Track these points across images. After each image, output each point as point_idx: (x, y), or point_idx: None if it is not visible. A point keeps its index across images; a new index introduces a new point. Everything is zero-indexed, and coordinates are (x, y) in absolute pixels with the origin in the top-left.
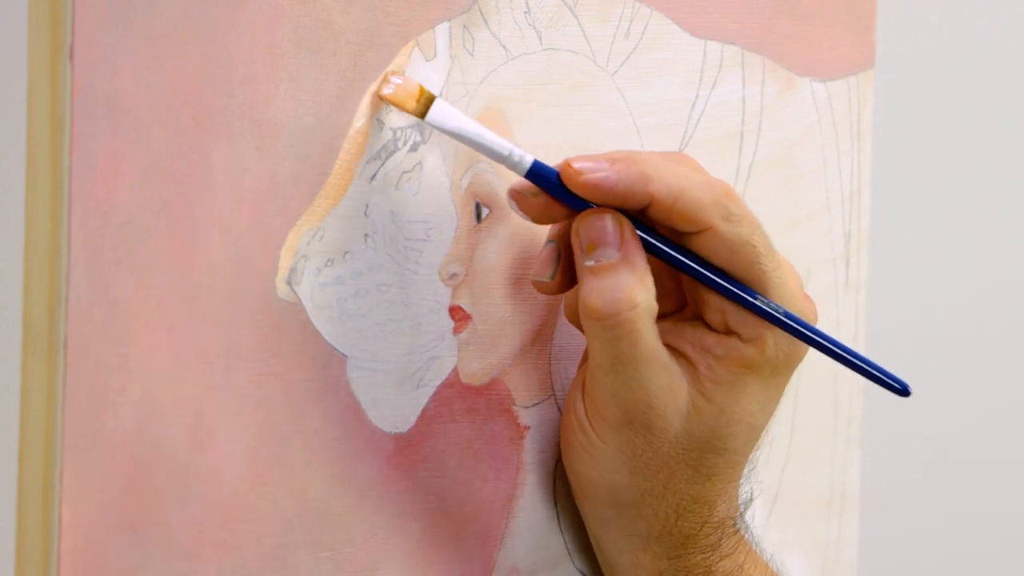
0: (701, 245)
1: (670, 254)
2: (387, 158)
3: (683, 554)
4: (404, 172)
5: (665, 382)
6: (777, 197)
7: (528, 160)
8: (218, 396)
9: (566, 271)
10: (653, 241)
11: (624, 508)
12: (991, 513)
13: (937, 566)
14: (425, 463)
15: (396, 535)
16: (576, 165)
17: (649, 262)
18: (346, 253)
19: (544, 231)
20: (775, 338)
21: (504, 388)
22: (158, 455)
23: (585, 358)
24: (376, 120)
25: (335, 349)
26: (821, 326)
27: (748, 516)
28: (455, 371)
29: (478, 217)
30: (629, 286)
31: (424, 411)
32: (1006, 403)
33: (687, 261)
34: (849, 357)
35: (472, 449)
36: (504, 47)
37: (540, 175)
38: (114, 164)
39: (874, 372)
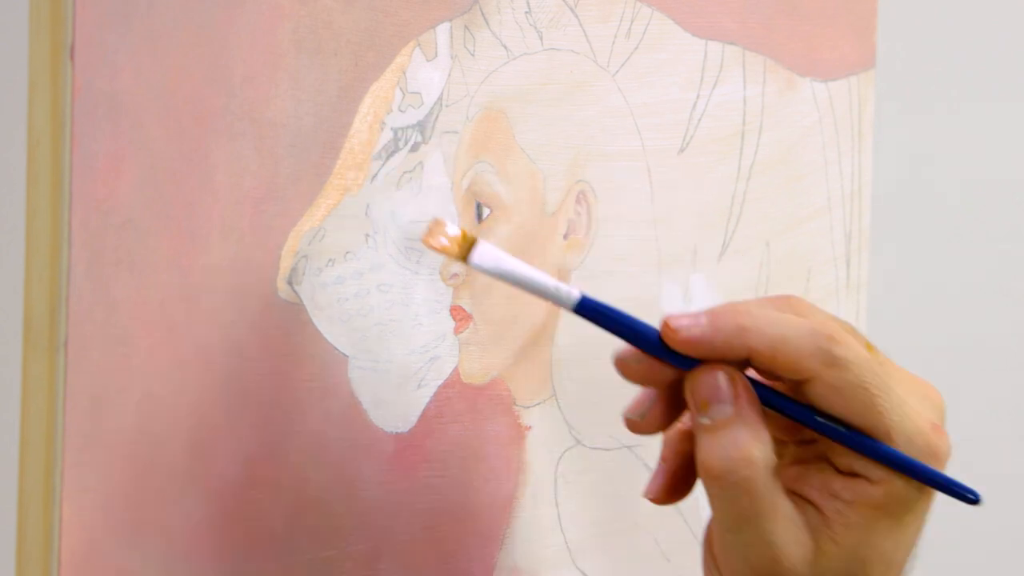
0: (811, 393)
1: (784, 405)
2: (388, 158)
3: None
4: (405, 172)
5: (791, 535)
6: (778, 197)
7: (575, 295)
8: (218, 396)
9: (660, 409)
10: (767, 394)
11: None
12: (992, 513)
13: (937, 566)
14: (426, 463)
15: (397, 535)
16: (673, 324)
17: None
18: (347, 253)
19: (540, 232)
20: (903, 478)
21: (505, 388)
22: (158, 455)
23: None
24: (377, 120)
25: (336, 349)
26: None
27: None
28: (456, 371)
29: (479, 217)
30: (745, 443)
31: (425, 411)
32: (1006, 403)
33: (801, 411)
34: (965, 494)
35: (473, 449)
36: (505, 47)
37: (594, 311)
38: (114, 164)
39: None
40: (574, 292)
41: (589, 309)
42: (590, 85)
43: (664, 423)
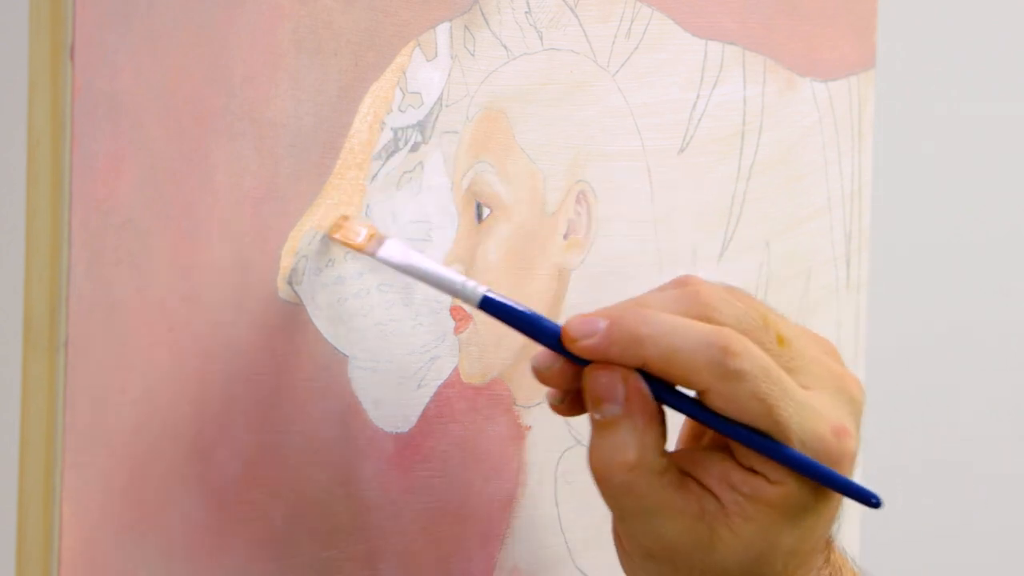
0: (708, 401)
1: (683, 406)
2: (388, 158)
3: None
4: (405, 172)
5: (682, 526)
6: (778, 197)
7: (481, 290)
8: (218, 396)
9: (575, 398)
10: (665, 393)
11: None
12: (991, 513)
13: (937, 566)
14: (426, 463)
15: (397, 535)
16: (572, 332)
17: None
18: (347, 253)
19: (540, 232)
20: (799, 480)
21: (505, 388)
22: (158, 455)
23: None
24: (377, 120)
25: (336, 349)
26: (821, 323)
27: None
28: (456, 371)
29: (479, 217)
30: (627, 446)
31: (425, 411)
32: (1006, 403)
33: (701, 412)
34: (867, 498)
35: (473, 449)
36: (505, 47)
37: (496, 307)
38: (114, 164)
39: (852, 492)
40: (479, 289)
41: (493, 306)
42: (590, 85)
43: (581, 408)
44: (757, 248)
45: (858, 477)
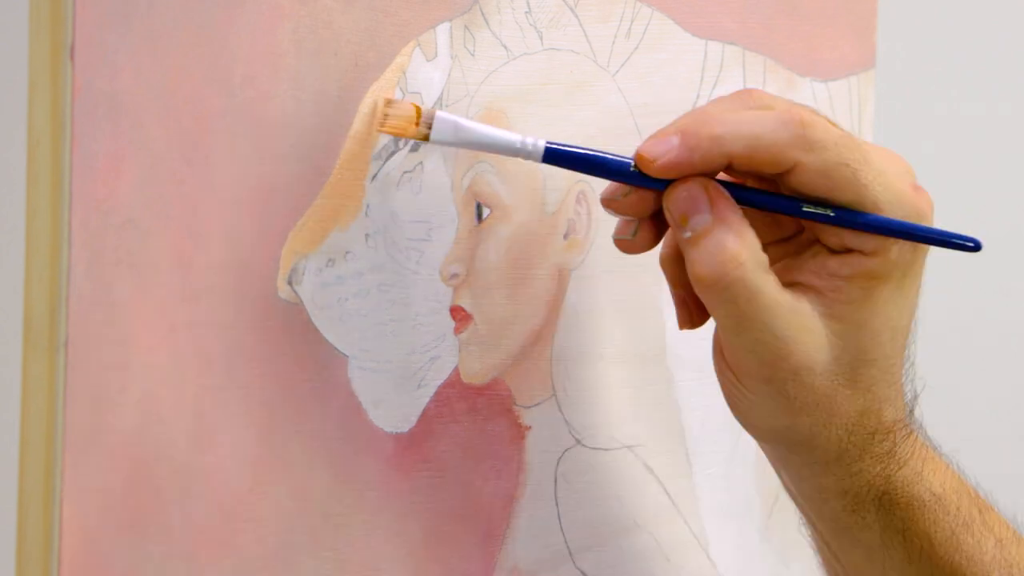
0: (795, 181)
1: (767, 201)
2: (388, 158)
3: (862, 468)
4: (405, 172)
5: (797, 325)
6: None
7: (541, 144)
8: (218, 396)
9: (648, 228)
10: (747, 193)
11: (795, 445)
12: None
13: None
14: (426, 463)
15: (397, 535)
16: (648, 154)
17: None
18: (347, 253)
19: (540, 232)
20: (897, 243)
21: (505, 388)
22: (158, 455)
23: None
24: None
25: (336, 349)
26: None
27: (917, 414)
28: (456, 371)
29: (479, 217)
30: (729, 245)
31: (425, 411)
32: (1006, 403)
33: (786, 203)
34: (964, 243)
35: (473, 449)
36: (505, 47)
37: (559, 155)
38: (114, 164)
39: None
40: (540, 142)
41: (557, 155)
42: (590, 85)
43: (653, 241)
44: None
45: None
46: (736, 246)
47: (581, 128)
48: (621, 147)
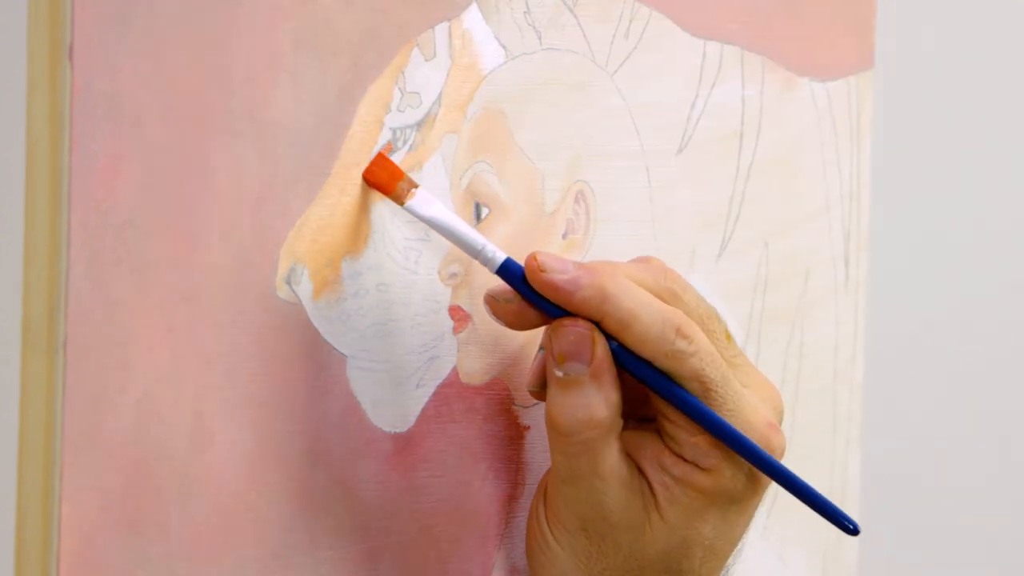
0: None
1: (643, 373)
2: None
3: None
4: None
5: (623, 498)
6: (777, 197)
7: (500, 257)
8: (218, 396)
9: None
10: (628, 358)
11: None
12: (991, 513)
13: (937, 566)
14: (425, 463)
15: (396, 535)
16: (540, 259)
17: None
18: (346, 252)
19: (539, 232)
20: (732, 469)
21: (504, 388)
22: (158, 455)
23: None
24: (376, 120)
25: (335, 349)
26: (820, 322)
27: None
28: (455, 371)
29: (478, 217)
30: (594, 405)
31: (424, 411)
32: (1006, 403)
33: (656, 379)
34: (804, 491)
35: (472, 449)
36: (504, 47)
37: (511, 273)
38: (114, 164)
39: (828, 508)
40: (499, 254)
41: (512, 273)
42: (589, 85)
43: (521, 325)
44: (755, 248)
45: (856, 477)
46: (601, 413)
47: (580, 128)
48: (620, 147)
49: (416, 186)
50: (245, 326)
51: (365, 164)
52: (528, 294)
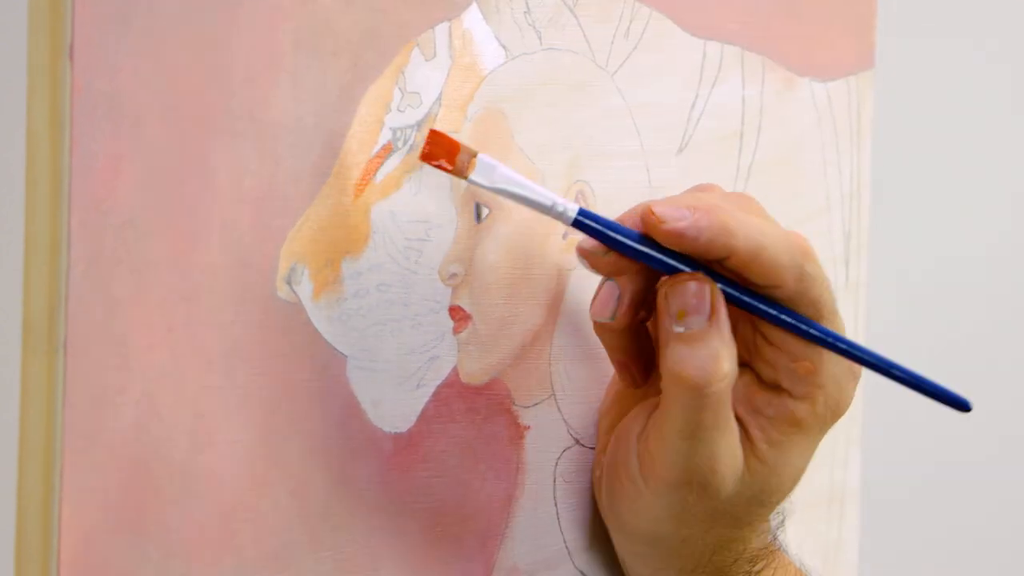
0: (772, 298)
1: (750, 305)
2: (387, 157)
3: None
4: (404, 172)
5: (731, 449)
6: (777, 197)
7: (572, 209)
8: (218, 396)
9: (629, 309)
10: (735, 293)
11: (662, 548)
12: (991, 513)
13: (937, 566)
14: (425, 463)
15: (396, 535)
16: (658, 211)
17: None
18: (346, 252)
19: (539, 232)
20: (825, 394)
21: (504, 388)
22: (158, 455)
23: (614, 406)
24: (376, 120)
25: (335, 349)
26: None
27: (781, 538)
28: (455, 371)
29: (478, 217)
30: (721, 355)
31: (424, 411)
32: (1006, 403)
33: (765, 309)
34: (908, 376)
35: (472, 449)
36: (504, 47)
37: (589, 224)
38: (114, 164)
39: (934, 390)
40: (571, 207)
41: (591, 223)
42: (589, 85)
43: (630, 324)
44: None
45: (856, 477)
46: (727, 362)
47: (580, 128)
48: (620, 147)
49: (475, 154)
50: (245, 326)
51: (421, 145)
52: (615, 244)
